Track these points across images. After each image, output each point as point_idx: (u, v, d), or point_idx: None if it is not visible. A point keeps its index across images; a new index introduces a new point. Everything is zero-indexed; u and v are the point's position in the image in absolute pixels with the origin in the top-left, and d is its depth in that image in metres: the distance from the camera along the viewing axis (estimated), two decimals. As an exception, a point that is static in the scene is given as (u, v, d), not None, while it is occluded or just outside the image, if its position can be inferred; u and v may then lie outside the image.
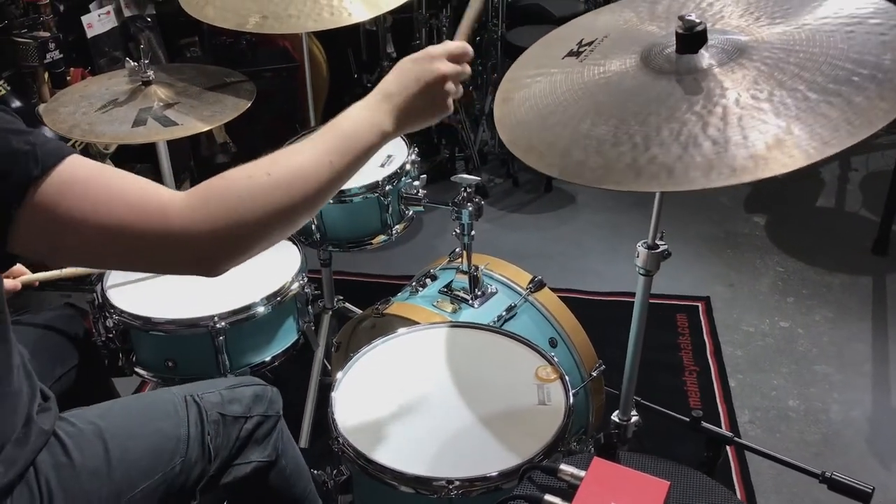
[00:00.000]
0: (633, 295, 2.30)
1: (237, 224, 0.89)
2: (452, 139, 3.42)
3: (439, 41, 3.29)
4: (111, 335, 1.49)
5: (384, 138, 1.03)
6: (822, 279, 2.76)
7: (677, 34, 1.14)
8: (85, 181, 0.85)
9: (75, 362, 1.47)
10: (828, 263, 2.84)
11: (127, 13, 2.75)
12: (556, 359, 1.39)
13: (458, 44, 1.11)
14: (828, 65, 1.07)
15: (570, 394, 1.29)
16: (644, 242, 1.36)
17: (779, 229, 3.09)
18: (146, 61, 1.66)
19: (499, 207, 3.29)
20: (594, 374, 1.74)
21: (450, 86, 1.08)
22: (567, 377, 1.36)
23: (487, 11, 3.52)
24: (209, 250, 0.89)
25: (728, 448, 2.06)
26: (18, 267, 1.44)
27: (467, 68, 1.12)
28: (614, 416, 1.56)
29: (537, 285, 1.77)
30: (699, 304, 2.66)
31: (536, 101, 1.22)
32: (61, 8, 2.43)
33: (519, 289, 1.75)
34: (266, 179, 0.92)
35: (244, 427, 1.28)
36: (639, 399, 1.88)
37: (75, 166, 0.85)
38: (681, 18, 1.14)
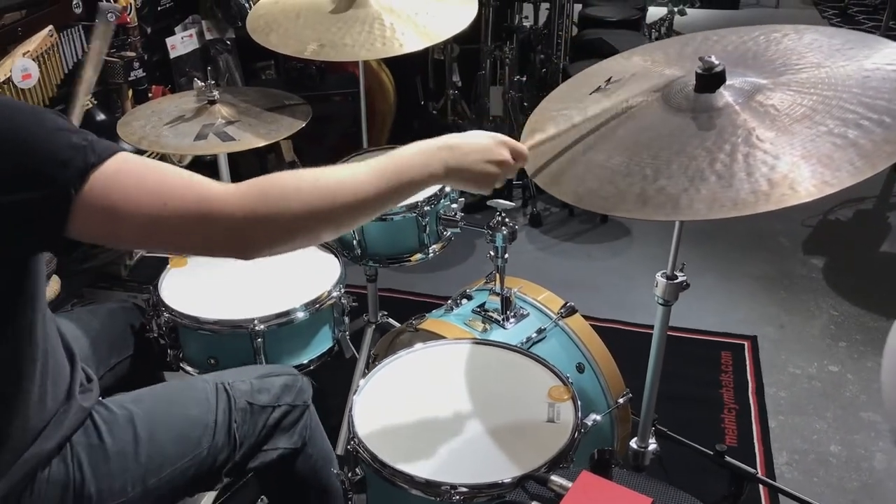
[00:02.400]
0: (676, 329, 2.33)
1: (274, 215, 0.97)
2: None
3: (503, 72, 3.41)
4: (162, 331, 1.61)
5: (431, 180, 1.11)
6: (878, 325, 2.70)
7: (697, 74, 1.20)
8: (136, 170, 0.95)
9: (130, 353, 1.56)
10: (886, 310, 2.77)
11: (208, 36, 2.94)
12: (572, 381, 1.43)
13: (525, 147, 1.23)
14: (839, 108, 1.10)
15: (579, 413, 1.33)
16: (663, 273, 1.40)
17: (837, 272, 3.04)
18: (212, 82, 1.79)
19: (552, 236, 3.33)
20: (620, 401, 1.77)
21: (500, 171, 1.18)
22: (583, 401, 1.39)
23: (551, 44, 3.61)
24: (245, 234, 0.97)
25: (762, 490, 2.05)
26: None
27: (516, 168, 1.22)
28: (632, 443, 1.58)
29: (568, 311, 1.81)
30: (745, 343, 2.64)
31: (560, 133, 1.29)
32: (148, 30, 2.63)
33: (550, 313, 1.80)
34: (312, 184, 1.01)
35: (271, 416, 1.35)
36: (663, 429, 1.89)
37: (127, 158, 0.96)
38: (701, 59, 1.20)
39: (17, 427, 1.07)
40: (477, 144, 1.16)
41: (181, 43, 2.80)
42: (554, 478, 1.03)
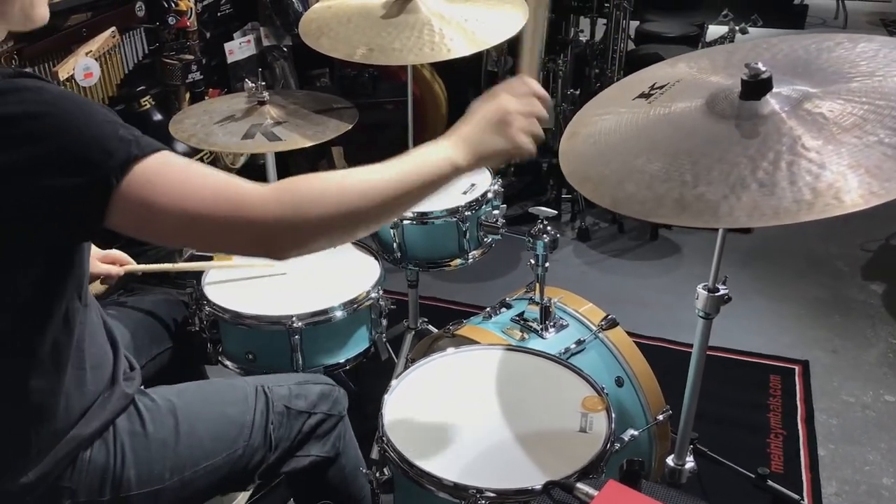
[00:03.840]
0: (723, 350, 2.28)
1: (303, 216, 0.98)
2: (561, 181, 3.47)
3: (556, 85, 3.40)
4: (204, 325, 1.64)
5: (455, 170, 1.08)
6: (939, 356, 2.59)
7: (742, 81, 1.17)
8: (176, 168, 0.97)
9: (171, 345, 1.60)
10: (949, 341, 2.66)
11: (266, 43, 3.01)
12: (607, 392, 1.40)
13: (517, 78, 1.16)
14: (892, 118, 1.06)
15: (613, 425, 1.30)
16: (704, 285, 1.36)
17: (898, 300, 2.93)
18: (262, 83, 1.83)
19: (600, 251, 3.29)
20: (660, 418, 1.73)
21: (517, 121, 1.11)
22: (623, 417, 1.36)
23: (606, 59, 3.58)
24: (276, 236, 0.98)
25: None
26: (124, 256, 1.61)
27: (535, 104, 1.14)
28: (669, 460, 1.55)
29: (609, 323, 1.78)
30: (796, 367, 2.55)
31: (600, 136, 1.28)
32: (208, 35, 2.71)
33: (590, 325, 1.77)
34: (338, 184, 1.02)
35: (307, 422, 1.37)
36: (703, 449, 1.85)
37: (169, 156, 0.98)
38: (747, 66, 1.17)
39: (60, 408, 1.10)
40: (477, 114, 1.12)
41: (239, 48, 2.87)
42: (580, 485, 1.01)
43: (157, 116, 2.43)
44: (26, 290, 1.01)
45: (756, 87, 1.16)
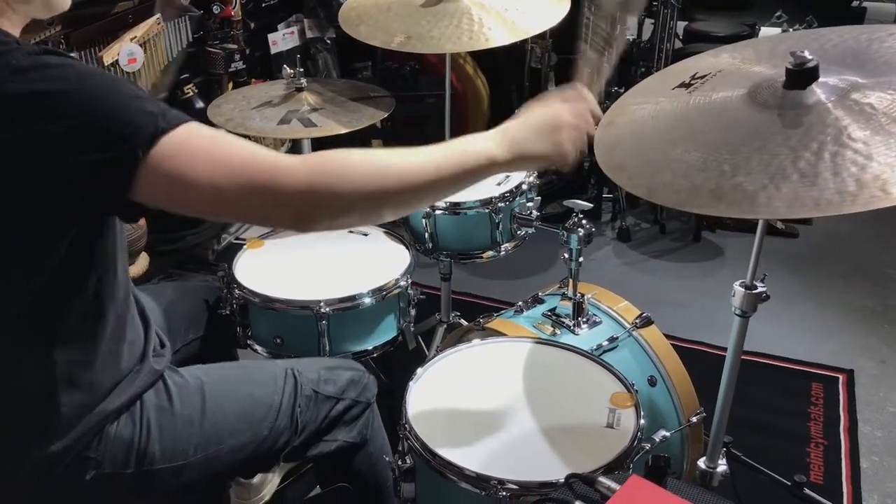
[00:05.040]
0: (764, 355, 2.21)
1: (333, 190, 0.97)
2: (602, 180, 3.42)
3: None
4: (234, 308, 1.64)
5: (492, 165, 1.07)
6: None
7: (787, 70, 1.13)
8: (204, 139, 0.97)
9: (204, 330, 1.60)
10: None
11: (309, 35, 3.02)
12: (637, 389, 1.37)
13: (577, 89, 1.17)
14: (944, 109, 1.01)
15: (641, 421, 1.27)
16: (742, 282, 1.32)
17: (952, 311, 2.81)
18: (301, 70, 1.84)
19: (640, 252, 3.24)
20: (693, 420, 1.68)
21: (568, 131, 1.11)
22: (655, 417, 1.33)
23: (654, 57, 3.52)
24: (303, 206, 0.97)
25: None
26: None
27: (588, 118, 1.14)
28: (700, 463, 1.50)
29: (644, 321, 1.74)
30: (840, 377, 2.47)
31: (637, 125, 1.24)
32: (252, 25, 2.73)
33: (624, 322, 1.73)
34: (372, 162, 1.01)
35: (335, 407, 1.36)
36: (737, 453, 1.79)
37: (196, 126, 0.98)
38: (792, 54, 1.13)
39: (93, 381, 1.12)
40: (531, 114, 1.11)
41: (282, 39, 2.89)
42: (602, 479, 0.98)
43: (200, 104, 2.45)
44: (56, 263, 1.02)
45: (801, 75, 1.11)
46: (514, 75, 3.66)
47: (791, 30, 4.74)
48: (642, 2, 1.49)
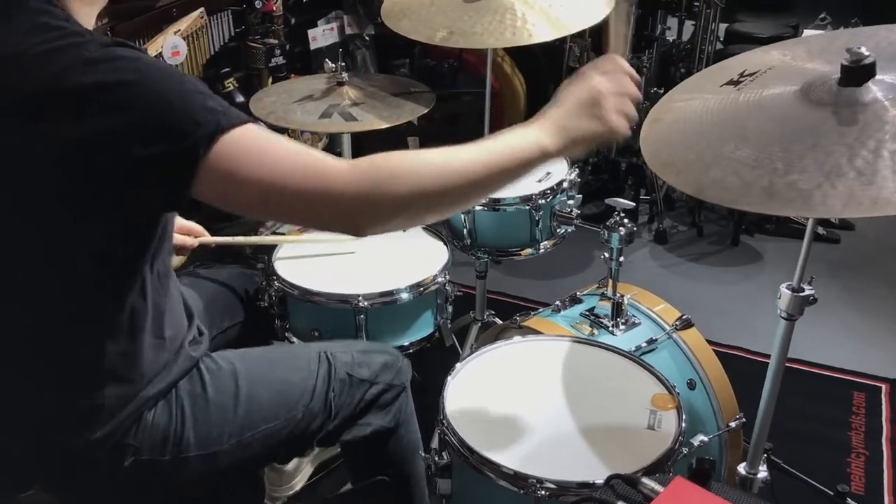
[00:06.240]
0: (804, 362, 2.17)
1: (385, 194, 0.98)
2: (640, 181, 3.39)
3: (640, 83, 3.31)
4: (273, 300, 1.65)
5: (543, 153, 1.06)
6: None
7: (842, 66, 1.10)
8: (262, 141, 0.98)
9: (241, 319, 1.61)
10: None
11: (349, 31, 3.03)
12: (678, 390, 1.35)
13: (605, 57, 1.13)
14: None
15: (683, 424, 1.25)
16: (788, 284, 1.29)
17: None
18: (342, 64, 1.84)
19: (678, 254, 3.19)
20: (732, 425, 1.65)
21: (610, 101, 1.08)
22: (693, 421, 1.31)
23: (694, 58, 3.47)
24: (357, 212, 0.98)
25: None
26: (199, 227, 1.64)
27: (626, 82, 1.11)
28: (740, 468, 1.47)
29: (684, 323, 1.71)
30: (883, 386, 2.41)
31: (685, 122, 1.22)
32: (293, 21, 2.74)
33: (664, 324, 1.71)
34: (422, 163, 1.01)
35: (369, 391, 1.36)
36: (777, 461, 1.76)
37: (255, 128, 0.99)
38: (849, 51, 1.10)
39: (135, 372, 1.13)
40: (566, 95, 1.09)
41: (322, 35, 2.90)
42: (645, 480, 0.96)
43: (240, 98, 2.47)
44: (109, 257, 1.03)
45: (858, 72, 1.08)
46: (552, 74, 3.62)
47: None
48: None
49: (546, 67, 3.55)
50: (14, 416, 1.12)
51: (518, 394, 1.35)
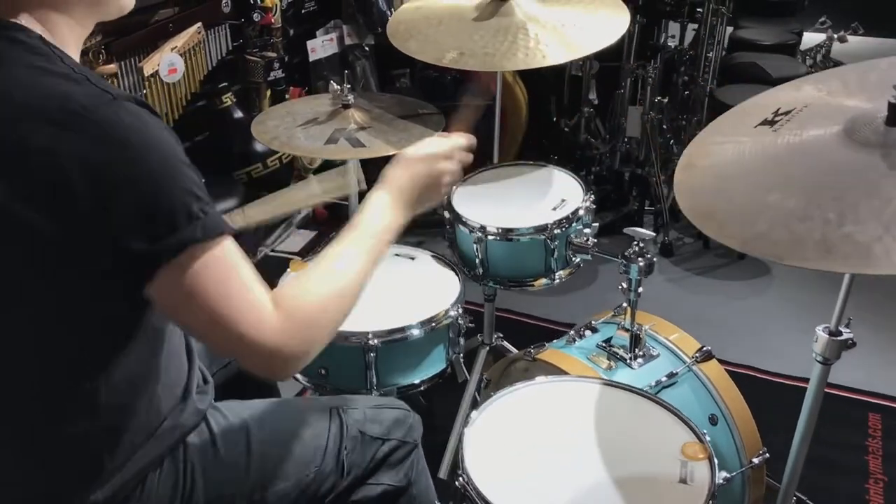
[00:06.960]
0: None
1: (318, 343, 1.02)
2: (644, 191, 3.33)
3: (644, 92, 3.25)
4: (276, 336, 1.58)
5: (400, 229, 1.18)
6: None
7: (889, 104, 1.04)
8: (226, 266, 0.94)
9: None
10: None
11: (348, 42, 2.96)
12: (709, 438, 1.28)
13: (463, 140, 1.28)
14: None
15: (717, 478, 1.19)
16: (826, 327, 1.23)
17: None
18: (348, 86, 1.76)
19: (684, 268, 3.14)
20: (756, 461, 1.59)
21: (448, 179, 1.24)
22: (716, 459, 1.25)
23: (699, 67, 3.42)
24: (281, 366, 1.01)
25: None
26: None
27: (465, 156, 1.28)
28: (770, 515, 1.42)
29: (705, 355, 1.65)
30: (899, 406, 2.36)
31: (721, 168, 1.16)
32: (291, 32, 2.67)
33: (684, 356, 1.65)
34: (332, 295, 1.04)
35: (380, 449, 1.30)
36: (802, 497, 1.71)
37: (225, 248, 0.94)
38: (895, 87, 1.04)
39: (132, 425, 1.07)
40: (420, 175, 1.20)
41: (321, 46, 2.83)
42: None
43: (238, 114, 2.40)
44: (104, 317, 0.98)
45: (907, 111, 1.02)
46: (554, 83, 3.56)
47: (835, 36, 4.61)
48: None
49: (548, 76, 3.48)
50: (9, 475, 1.05)
51: (540, 443, 1.29)
